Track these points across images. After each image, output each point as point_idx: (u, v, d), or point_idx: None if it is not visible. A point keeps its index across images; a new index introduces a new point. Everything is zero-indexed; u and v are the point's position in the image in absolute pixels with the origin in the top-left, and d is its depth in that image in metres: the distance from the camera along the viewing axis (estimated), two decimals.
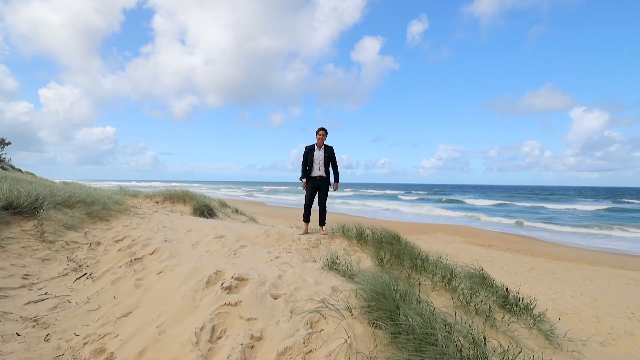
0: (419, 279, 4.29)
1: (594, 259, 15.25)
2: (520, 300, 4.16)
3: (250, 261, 3.94)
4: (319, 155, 5.71)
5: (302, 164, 5.77)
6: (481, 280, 4.81)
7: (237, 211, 10.59)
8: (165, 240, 4.87)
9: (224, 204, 10.82)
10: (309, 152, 5.73)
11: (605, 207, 37.31)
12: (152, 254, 4.36)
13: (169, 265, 3.72)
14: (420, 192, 78.44)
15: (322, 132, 5.72)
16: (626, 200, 50.58)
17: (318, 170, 5.70)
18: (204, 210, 7.93)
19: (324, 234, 5.61)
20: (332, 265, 3.81)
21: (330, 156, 5.79)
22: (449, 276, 4.39)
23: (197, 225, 5.76)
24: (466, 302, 3.90)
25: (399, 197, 58.95)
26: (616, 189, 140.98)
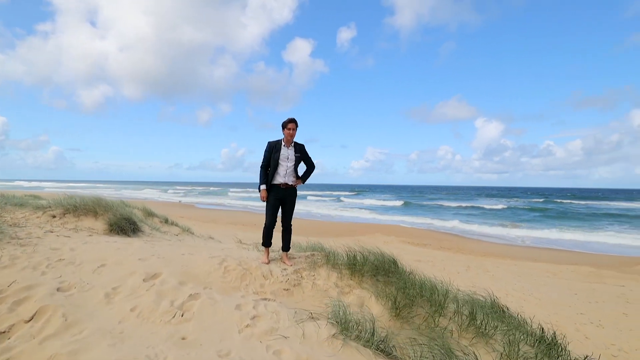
0: (436, 321, 3.06)
1: (512, 253, 16.03)
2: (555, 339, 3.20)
3: (211, 331, 2.26)
4: (287, 155, 4.02)
5: (262, 166, 4.04)
6: (492, 308, 3.80)
7: (167, 221, 8.34)
8: (58, 289, 2.87)
9: (149, 213, 8.48)
10: (273, 150, 4.01)
11: (504, 206, 41.51)
12: (28, 320, 2.41)
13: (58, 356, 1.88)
14: (348, 193, 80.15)
15: (293, 125, 4.01)
16: (517, 199, 57.63)
17: (284, 176, 4.01)
18: (124, 225, 5.73)
19: (290, 264, 4.00)
20: (346, 329, 2.36)
21: (303, 157, 4.17)
22: (469, 312, 3.27)
23: (114, 254, 3.76)
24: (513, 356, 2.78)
25: (329, 198, 59.13)
26: (510, 189, 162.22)
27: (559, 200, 50.53)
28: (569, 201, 50.21)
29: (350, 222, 24.71)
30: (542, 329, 3.29)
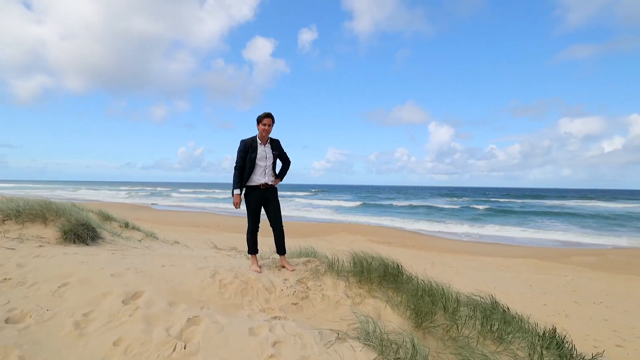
0: (460, 330, 2.82)
1: (468, 249, 16.74)
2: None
3: None
4: (264, 153, 3.62)
5: (236, 166, 3.57)
6: (494, 309, 3.66)
7: (127, 225, 7.38)
8: (7, 321, 2.18)
9: (107, 217, 7.45)
10: (249, 149, 3.56)
11: (455, 206, 43.74)
12: None
13: None
14: (308, 193, 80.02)
15: (269, 120, 3.61)
16: (465, 198, 61.30)
17: (264, 175, 3.60)
18: (81, 232, 4.84)
19: (292, 269, 3.62)
20: (384, 351, 1.99)
21: (279, 154, 3.79)
22: (483, 317, 3.08)
23: (77, 269, 3.03)
24: None
25: (297, 198, 58.42)
26: (459, 188, 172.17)
27: (502, 200, 54.61)
28: (509, 200, 54.50)
29: (314, 223, 24.46)
30: (554, 329, 3.19)
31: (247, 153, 3.57)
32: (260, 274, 3.22)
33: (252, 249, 3.65)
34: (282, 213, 3.92)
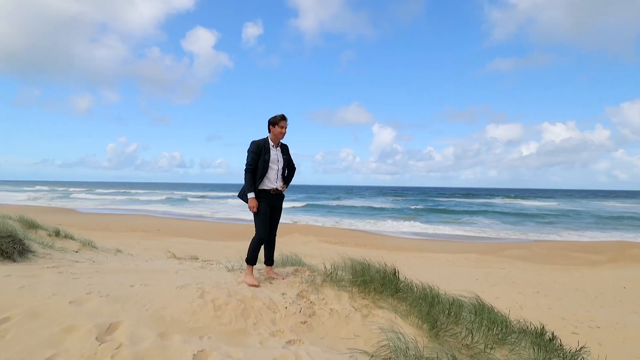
0: (473, 339, 2.78)
1: (416, 246, 17.61)
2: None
3: None
4: (276, 157, 3.40)
5: (249, 169, 3.28)
6: (481, 308, 3.75)
7: (58, 234, 6.29)
8: None
9: (31, 224, 6.27)
10: (262, 150, 3.31)
11: (397, 206, 45.89)
12: None
13: None
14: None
15: (285, 122, 3.42)
16: (404, 197, 64.77)
17: (276, 180, 3.38)
18: (6, 246, 3.88)
19: (282, 277, 3.34)
20: None
21: (288, 160, 3.60)
22: (485, 320, 3.10)
23: (18, 298, 2.32)
24: None
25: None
26: (400, 188, 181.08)
27: (440, 199, 58.89)
28: (447, 199, 59.04)
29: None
30: (543, 327, 3.33)
31: (259, 155, 3.29)
32: (257, 289, 2.85)
33: (253, 259, 3.27)
34: (225, 215, 3.67)
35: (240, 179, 3.37)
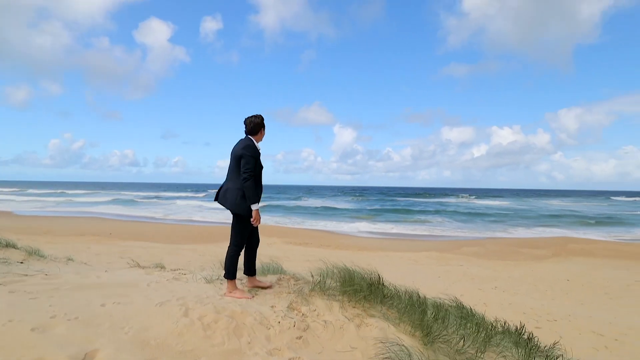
0: (464, 345, 2.84)
1: (378, 246, 18.03)
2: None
3: None
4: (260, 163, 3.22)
5: (251, 177, 2.98)
6: (462, 311, 3.87)
7: None
8: None
9: None
10: (258, 155, 3.11)
11: (358, 206, 46.68)
12: None
13: None
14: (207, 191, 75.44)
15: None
16: (364, 197, 66.12)
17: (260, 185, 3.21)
18: None
19: (268, 285, 3.20)
20: None
21: None
22: (474, 325, 3.19)
23: None
24: None
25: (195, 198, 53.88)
26: (359, 188, 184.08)
27: (398, 199, 60.88)
28: (405, 198, 61.24)
29: (221, 226, 23.06)
30: (523, 326, 3.50)
31: (258, 161, 3.06)
32: (245, 303, 2.68)
33: (235, 272, 3.05)
34: (182, 217, 3.50)
35: (200, 178, 3.16)
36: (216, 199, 3.15)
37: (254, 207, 3.00)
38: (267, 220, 27.01)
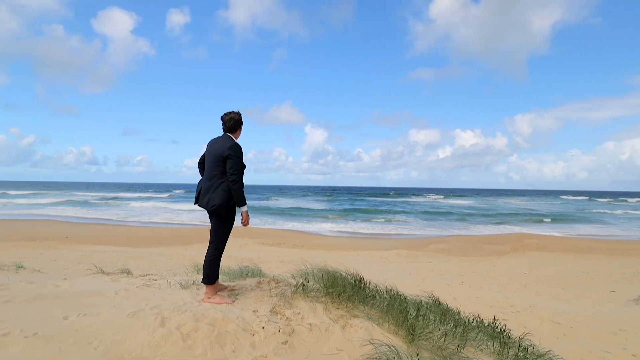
0: (444, 341, 2.88)
1: (349, 245, 18.19)
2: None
3: None
4: None
5: (240, 179, 2.93)
6: (436, 307, 3.96)
7: None
8: None
9: None
10: (243, 156, 3.02)
11: (328, 207, 46.81)
12: None
13: None
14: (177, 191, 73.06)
15: None
16: (333, 197, 66.67)
17: None
18: None
19: (228, 287, 3.06)
20: None
21: None
22: (454, 322, 3.25)
23: None
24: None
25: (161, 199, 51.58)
26: (330, 187, 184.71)
27: (368, 198, 61.95)
28: (374, 198, 62.44)
29: (192, 227, 22.28)
30: (496, 320, 3.63)
31: (242, 160, 2.95)
32: (226, 309, 2.55)
33: (215, 277, 2.92)
34: (145, 219, 3.37)
35: (167, 177, 3.01)
36: (197, 202, 3.00)
37: (243, 208, 2.93)
38: (237, 221, 26.44)
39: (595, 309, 6.48)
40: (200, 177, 3.17)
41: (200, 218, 27.61)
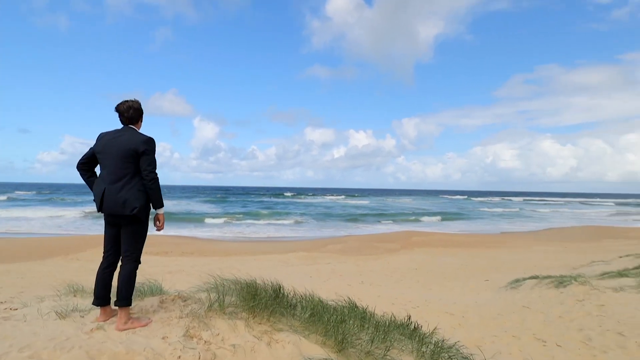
0: (371, 344, 3.05)
1: (246, 249, 17.85)
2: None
3: None
4: None
5: (157, 177, 2.68)
6: (353, 311, 4.21)
7: None
8: None
9: None
10: None
11: (225, 208, 44.72)
12: None
13: None
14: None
15: None
16: (223, 197, 64.27)
17: None
18: None
19: (143, 323, 2.65)
20: None
21: None
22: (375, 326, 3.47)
23: None
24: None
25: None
26: (222, 188, 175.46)
27: (262, 199, 61.58)
28: (269, 199, 62.44)
29: (57, 237, 18.59)
30: (409, 317, 4.02)
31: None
32: (129, 340, 2.17)
33: (131, 296, 2.60)
34: None
35: (14, 175, 2.59)
36: (101, 208, 2.54)
37: (161, 210, 2.73)
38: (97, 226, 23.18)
39: (477, 298, 7.80)
40: (86, 178, 2.70)
41: (56, 226, 23.35)
